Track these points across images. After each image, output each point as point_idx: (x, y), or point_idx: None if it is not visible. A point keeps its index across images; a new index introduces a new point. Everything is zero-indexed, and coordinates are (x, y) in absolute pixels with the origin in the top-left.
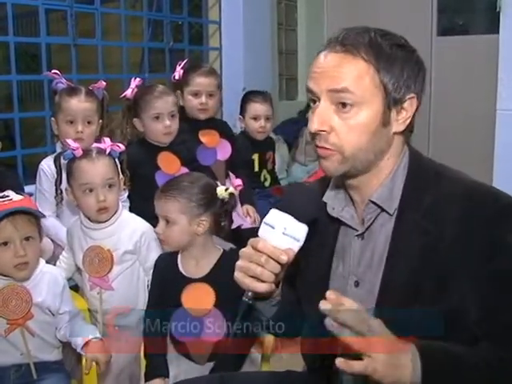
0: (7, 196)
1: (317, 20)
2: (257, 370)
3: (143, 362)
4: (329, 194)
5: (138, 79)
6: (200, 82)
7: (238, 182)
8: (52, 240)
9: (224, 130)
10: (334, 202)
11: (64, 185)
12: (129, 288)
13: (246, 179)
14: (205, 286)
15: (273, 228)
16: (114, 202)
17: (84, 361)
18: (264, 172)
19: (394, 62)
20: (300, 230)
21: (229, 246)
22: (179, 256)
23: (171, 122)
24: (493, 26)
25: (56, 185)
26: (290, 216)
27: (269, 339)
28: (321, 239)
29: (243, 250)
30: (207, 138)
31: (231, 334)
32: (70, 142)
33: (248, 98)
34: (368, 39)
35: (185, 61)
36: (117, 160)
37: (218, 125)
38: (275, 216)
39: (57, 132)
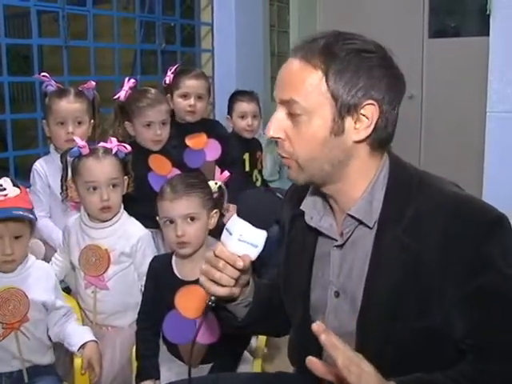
0: (4, 189)
1: (309, 22)
2: (249, 371)
3: (134, 364)
4: (306, 202)
5: (131, 80)
6: (189, 84)
7: (225, 173)
8: (45, 241)
9: (215, 130)
10: (311, 210)
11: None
12: (123, 289)
13: (236, 178)
14: (198, 288)
15: (230, 234)
16: (117, 201)
17: (80, 361)
18: (255, 172)
19: (347, 67)
20: (258, 236)
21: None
22: (173, 258)
23: (162, 131)
24: (484, 28)
25: (61, 181)
26: (247, 223)
27: (260, 341)
28: (301, 246)
29: (207, 254)
30: (194, 141)
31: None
32: (77, 139)
33: (235, 97)
34: (322, 44)
35: (176, 66)
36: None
37: (208, 125)
38: (233, 222)
39: (49, 134)
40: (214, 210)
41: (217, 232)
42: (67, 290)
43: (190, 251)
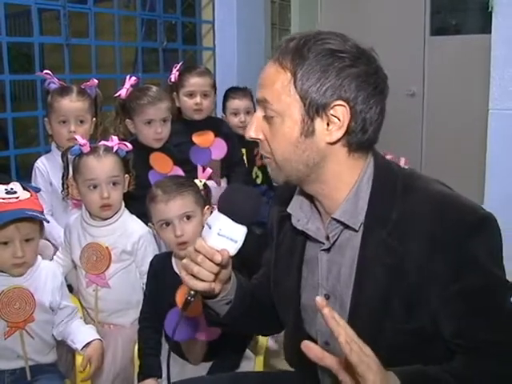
0: (14, 192)
1: (310, 20)
2: (251, 369)
3: (137, 362)
4: (293, 205)
5: (133, 78)
6: (194, 82)
7: (207, 171)
8: (46, 239)
9: (221, 129)
10: (298, 213)
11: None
12: (125, 287)
13: (243, 177)
14: None
15: (210, 228)
16: (118, 199)
17: (80, 359)
18: (255, 169)
19: (315, 68)
20: (237, 231)
21: None
22: (173, 257)
23: (162, 128)
24: (485, 25)
25: (63, 179)
26: (227, 217)
27: (262, 339)
28: (289, 248)
29: (188, 248)
30: (201, 138)
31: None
32: (78, 137)
33: (228, 94)
34: (294, 46)
35: (180, 63)
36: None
37: (214, 124)
38: (214, 217)
39: (50, 132)
40: (206, 207)
41: None
42: (69, 289)
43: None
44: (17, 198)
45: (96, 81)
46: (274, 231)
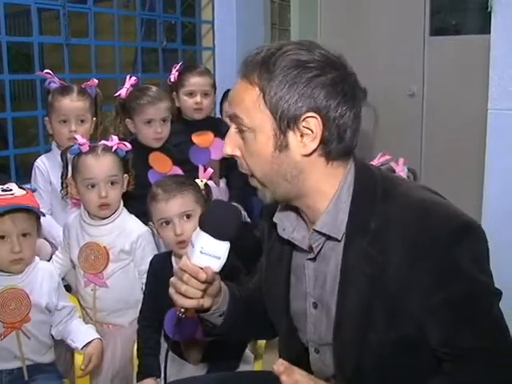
0: (10, 190)
1: (310, 20)
2: (250, 369)
3: (136, 362)
4: (279, 214)
5: (133, 78)
6: (194, 81)
7: (208, 171)
8: (45, 239)
9: (220, 129)
10: (284, 222)
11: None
12: (123, 286)
13: (242, 179)
14: None
15: (192, 246)
16: (116, 199)
17: (81, 358)
18: None
19: (283, 81)
20: (219, 248)
21: None
22: (173, 256)
23: (162, 128)
24: (485, 25)
25: (62, 178)
26: (208, 235)
27: (261, 340)
28: (278, 257)
29: (176, 267)
30: (200, 138)
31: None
32: (78, 137)
33: (224, 97)
34: (259, 60)
35: (180, 63)
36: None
37: (214, 124)
38: (196, 235)
39: (51, 131)
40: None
41: None
42: (67, 289)
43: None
44: (12, 194)
45: (96, 81)
46: (265, 238)
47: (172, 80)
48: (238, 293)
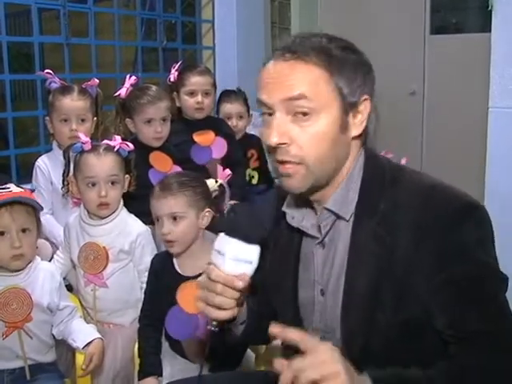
0: (7, 188)
1: (310, 19)
2: (251, 368)
3: (137, 361)
4: (289, 203)
5: (133, 78)
6: (195, 81)
7: (227, 172)
8: (46, 238)
9: (221, 128)
10: (293, 211)
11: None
12: (123, 286)
13: (243, 177)
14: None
15: (222, 255)
16: (116, 198)
17: (82, 358)
18: (248, 171)
19: (346, 65)
20: (251, 252)
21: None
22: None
23: (162, 127)
24: (486, 24)
25: (63, 176)
26: (237, 240)
27: None
28: (285, 248)
29: (199, 279)
30: (201, 137)
31: (200, 369)
32: (81, 135)
33: (221, 98)
34: (317, 44)
35: (179, 63)
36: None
37: (214, 123)
38: (224, 242)
39: (52, 131)
40: (206, 210)
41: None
42: (69, 288)
43: (177, 250)
44: (10, 191)
45: (97, 80)
46: (267, 230)
47: (172, 80)
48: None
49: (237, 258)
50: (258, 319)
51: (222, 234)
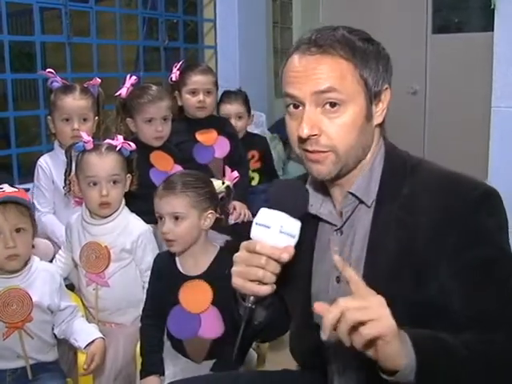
0: (0, 188)
1: (312, 18)
2: (253, 369)
3: (139, 360)
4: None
5: (133, 77)
6: (197, 80)
7: (235, 174)
8: (48, 238)
9: (224, 127)
10: (311, 198)
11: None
12: (125, 286)
13: (245, 176)
14: (202, 283)
15: (268, 227)
16: (117, 198)
17: (84, 357)
18: (249, 172)
19: (369, 56)
20: (295, 226)
21: (224, 238)
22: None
23: (163, 127)
24: (488, 23)
25: (65, 175)
26: (283, 213)
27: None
28: (301, 236)
29: (237, 254)
30: (204, 136)
31: (237, 346)
32: (83, 134)
33: (221, 98)
34: (340, 36)
35: (181, 62)
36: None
37: (217, 122)
38: (268, 215)
39: (54, 130)
40: (209, 211)
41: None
42: (71, 287)
43: (177, 249)
44: (3, 191)
45: (99, 80)
46: None
47: (173, 79)
48: None
49: (282, 231)
50: (275, 309)
51: (264, 209)
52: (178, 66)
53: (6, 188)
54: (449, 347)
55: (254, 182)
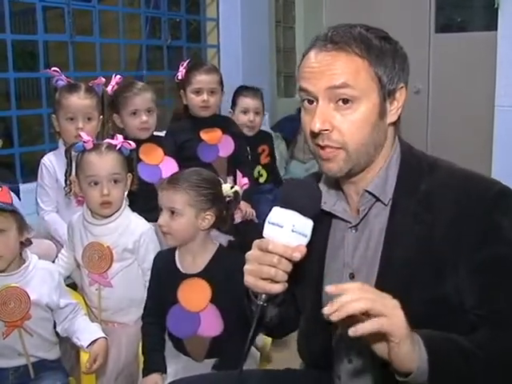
0: None
1: (315, 17)
2: (256, 367)
3: (141, 359)
4: (321, 188)
5: (118, 76)
6: (201, 79)
7: (245, 181)
8: (51, 237)
9: (228, 127)
10: (325, 196)
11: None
12: (127, 285)
13: (250, 176)
14: (201, 282)
15: (281, 227)
16: (118, 197)
17: (86, 356)
18: (258, 168)
19: (385, 54)
20: (307, 225)
21: (227, 238)
22: (177, 252)
23: (148, 118)
24: (491, 22)
25: (66, 175)
26: (295, 212)
27: (267, 337)
28: (314, 234)
29: (249, 253)
30: (209, 135)
31: (248, 343)
32: (83, 134)
33: (239, 92)
34: (357, 34)
35: (187, 60)
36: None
37: (222, 122)
38: (281, 214)
39: (58, 129)
40: (208, 212)
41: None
42: (74, 286)
43: (171, 242)
44: None
45: (103, 79)
46: None
47: (179, 77)
48: None
49: (295, 230)
50: (287, 306)
51: (276, 208)
52: (184, 65)
53: None
54: (461, 348)
55: (262, 179)
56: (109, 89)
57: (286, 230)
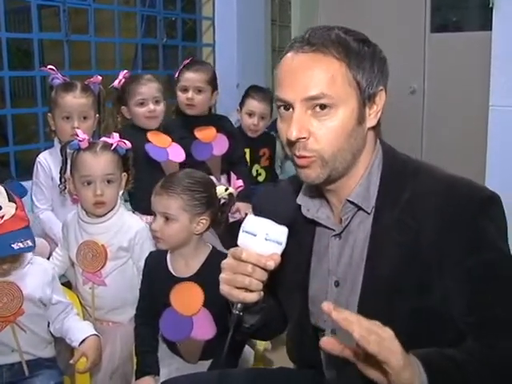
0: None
1: (310, 17)
2: (249, 367)
3: (135, 359)
4: (302, 197)
5: (125, 71)
6: (188, 77)
7: (239, 183)
8: (46, 235)
9: (223, 125)
10: (308, 203)
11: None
12: (122, 284)
13: (245, 176)
14: (193, 286)
15: (254, 235)
16: (112, 197)
17: (75, 353)
18: (256, 167)
19: (363, 57)
20: (281, 233)
21: (218, 242)
22: (168, 254)
23: (155, 107)
24: (486, 22)
25: (60, 173)
26: (269, 220)
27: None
28: (298, 240)
29: (224, 261)
30: (203, 133)
31: (225, 351)
32: (78, 132)
33: (248, 92)
34: (334, 36)
35: (190, 58)
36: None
37: (217, 120)
38: (255, 222)
39: (54, 128)
40: (202, 217)
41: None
42: (68, 285)
43: (163, 247)
44: (1, 217)
45: (100, 78)
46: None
47: (176, 75)
48: None
49: (268, 238)
50: (269, 312)
51: (250, 216)
52: (184, 63)
53: (4, 208)
54: (458, 361)
55: (261, 178)
56: (116, 82)
57: (260, 239)
